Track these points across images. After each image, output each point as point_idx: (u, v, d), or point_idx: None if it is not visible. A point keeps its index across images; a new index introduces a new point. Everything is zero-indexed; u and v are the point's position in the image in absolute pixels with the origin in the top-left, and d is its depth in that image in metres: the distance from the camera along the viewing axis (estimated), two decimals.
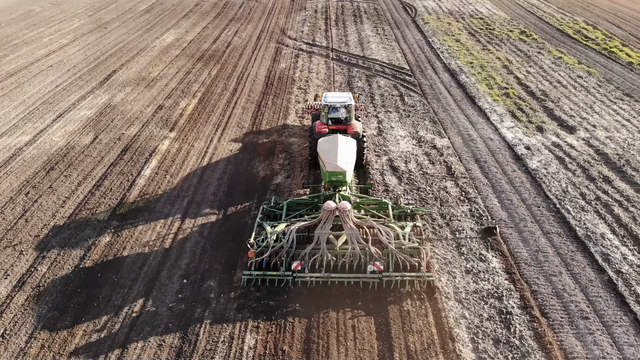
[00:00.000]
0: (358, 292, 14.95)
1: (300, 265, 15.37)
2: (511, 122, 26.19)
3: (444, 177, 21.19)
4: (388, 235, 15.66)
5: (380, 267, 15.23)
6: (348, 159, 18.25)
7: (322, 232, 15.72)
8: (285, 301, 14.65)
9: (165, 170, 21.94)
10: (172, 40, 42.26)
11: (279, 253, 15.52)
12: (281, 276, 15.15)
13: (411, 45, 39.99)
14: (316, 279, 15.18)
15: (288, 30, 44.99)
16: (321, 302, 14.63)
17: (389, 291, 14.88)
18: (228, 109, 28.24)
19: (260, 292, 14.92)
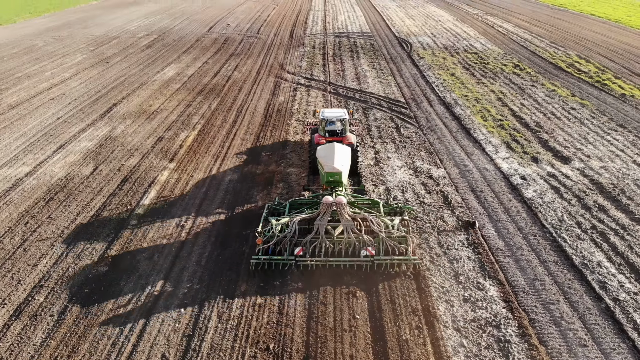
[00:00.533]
0: (353, 273, 17.12)
1: (302, 251, 17.43)
2: (506, 153, 26.55)
3: (440, 207, 21.36)
4: (379, 225, 17.84)
5: (372, 252, 17.34)
6: (344, 162, 20.62)
7: (321, 223, 17.91)
8: (288, 281, 16.83)
9: (164, 201, 22.08)
10: (173, 75, 43.11)
11: (282, 241, 17.63)
12: (285, 260, 17.22)
13: (407, 79, 40.83)
14: (316, 263, 17.23)
15: (287, 65, 45.98)
16: (320, 282, 16.76)
17: (380, 272, 17.06)
18: (227, 141, 28.61)
19: (267, 274, 17.00)
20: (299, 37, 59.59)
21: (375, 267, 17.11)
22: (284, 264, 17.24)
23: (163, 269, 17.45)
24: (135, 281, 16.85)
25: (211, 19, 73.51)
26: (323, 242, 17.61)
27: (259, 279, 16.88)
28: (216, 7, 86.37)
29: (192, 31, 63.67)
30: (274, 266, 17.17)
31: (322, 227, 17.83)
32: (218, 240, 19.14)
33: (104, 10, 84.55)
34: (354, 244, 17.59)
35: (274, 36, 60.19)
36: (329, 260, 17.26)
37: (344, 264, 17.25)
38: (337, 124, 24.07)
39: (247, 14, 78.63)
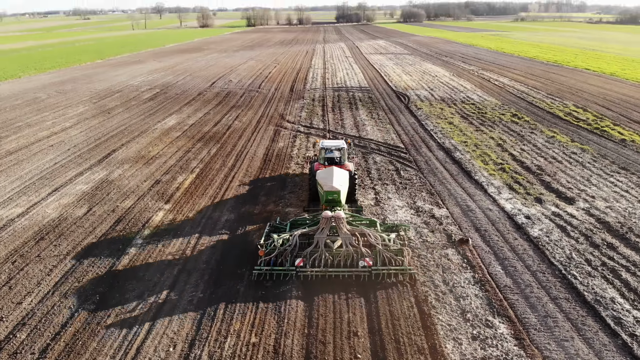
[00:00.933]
0: (351, 283, 17.75)
1: (302, 262, 18.15)
2: (509, 194, 26.07)
3: (444, 245, 20.61)
4: (376, 239, 18.84)
5: (370, 263, 18.03)
6: (342, 183, 21.58)
7: (320, 236, 18.83)
8: (289, 290, 17.43)
9: (157, 240, 21.36)
10: (174, 124, 43.42)
11: (284, 253, 18.45)
12: (286, 270, 17.92)
13: (405, 128, 41.05)
14: (316, 273, 17.89)
15: (287, 115, 46.44)
16: (320, 290, 17.41)
17: (377, 282, 17.70)
18: (225, 183, 28.21)
19: (269, 284, 17.66)
20: (299, 91, 60.73)
21: (373, 277, 17.79)
22: (285, 274, 17.93)
23: (153, 308, 16.51)
24: (119, 324, 15.88)
25: (213, 75, 75.34)
26: (322, 254, 18.38)
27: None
28: (218, 66, 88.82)
29: (194, 86, 65.01)
30: (275, 276, 17.87)
31: (321, 240, 18.71)
32: (212, 278, 18.27)
33: (108, 68, 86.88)
34: (353, 255, 18.43)
35: (274, 90, 61.36)
36: (328, 270, 18.00)
37: (342, 274, 17.95)
38: (335, 153, 25.24)
39: (248, 71, 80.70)
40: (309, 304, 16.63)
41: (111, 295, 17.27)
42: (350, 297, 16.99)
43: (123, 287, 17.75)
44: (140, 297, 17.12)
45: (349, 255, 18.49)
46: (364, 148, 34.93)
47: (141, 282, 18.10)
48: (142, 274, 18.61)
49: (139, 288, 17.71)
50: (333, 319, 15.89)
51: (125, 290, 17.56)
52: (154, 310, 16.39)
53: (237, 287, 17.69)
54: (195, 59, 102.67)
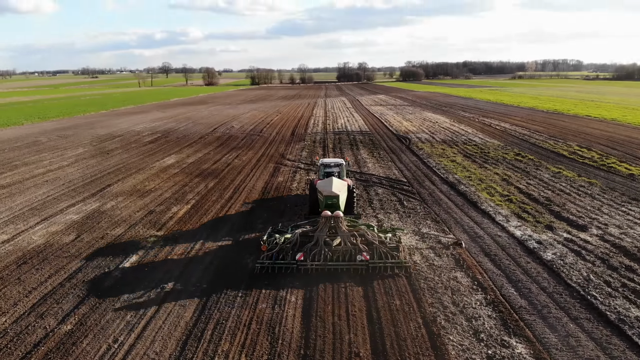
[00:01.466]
0: (349, 275, 18.50)
1: (302, 256, 19.00)
2: (518, 222, 24.87)
3: (452, 268, 19.24)
4: (373, 236, 20.09)
5: (367, 257, 18.91)
6: (341, 190, 22.31)
7: (320, 234, 19.83)
8: (290, 281, 18.20)
9: (145, 264, 20.06)
10: (173, 162, 42.85)
11: (285, 249, 19.47)
12: (287, 264, 18.79)
13: (407, 165, 40.33)
14: (316, 267, 18.71)
15: (287, 155, 45.92)
16: (320, 281, 18.12)
17: (374, 274, 18.49)
18: (221, 213, 27.12)
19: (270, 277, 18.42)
20: (300, 134, 60.66)
21: (370, 271, 18.64)
22: (286, 268, 18.75)
23: (135, 328, 15.06)
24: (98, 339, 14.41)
25: (216, 122, 75.80)
26: (322, 250, 19.27)
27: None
28: (221, 115, 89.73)
29: (196, 131, 65.14)
30: (277, 270, 18.68)
31: (321, 238, 19.67)
32: (200, 303, 16.85)
33: (111, 117, 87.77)
34: (351, 251, 19.35)
35: (276, 134, 61.33)
36: (327, 264, 18.83)
37: (341, 267, 18.81)
38: (334, 169, 26.48)
39: (250, 119, 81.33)
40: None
41: (92, 315, 15.84)
42: (352, 315, 15.53)
43: (104, 308, 16.35)
44: (123, 319, 15.68)
45: (347, 250, 19.37)
46: (366, 182, 34.03)
47: (124, 303, 16.70)
48: (125, 297, 17.22)
49: (123, 310, 16.29)
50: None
51: (106, 311, 16.13)
52: (136, 330, 14.94)
53: (228, 308, 16.26)
54: (199, 109, 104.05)
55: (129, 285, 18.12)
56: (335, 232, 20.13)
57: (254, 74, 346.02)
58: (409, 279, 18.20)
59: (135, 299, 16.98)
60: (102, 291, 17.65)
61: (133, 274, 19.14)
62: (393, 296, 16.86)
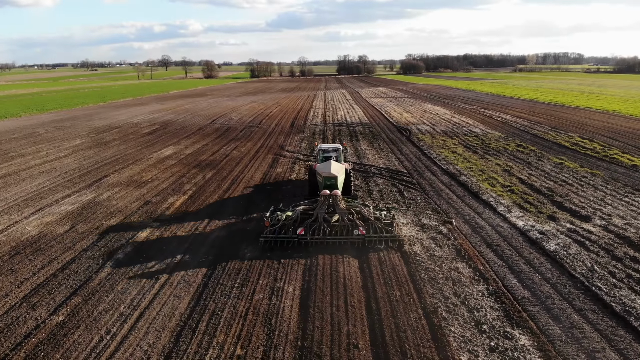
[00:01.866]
0: (347, 248, 19.69)
1: (303, 231, 20.14)
2: (520, 213, 24.46)
3: (453, 259, 18.84)
4: (369, 213, 21.23)
5: (363, 232, 20.04)
6: (339, 171, 23.53)
7: (319, 211, 21.01)
8: (291, 253, 19.62)
9: (140, 255, 19.67)
10: (170, 153, 42.39)
11: (287, 224, 20.56)
12: (289, 238, 19.97)
13: (407, 156, 39.86)
14: (315, 240, 19.81)
15: (286, 146, 45.45)
16: (319, 252, 19.38)
17: (370, 247, 19.71)
18: (217, 204, 26.71)
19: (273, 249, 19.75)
20: (300, 126, 60.15)
21: (366, 244, 19.73)
22: (288, 242, 19.92)
23: (127, 321, 14.69)
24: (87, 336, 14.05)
25: (214, 114, 75.25)
26: (321, 225, 20.39)
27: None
28: (220, 107, 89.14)
29: (194, 123, 64.60)
30: (279, 243, 19.88)
31: (320, 214, 20.80)
32: (197, 293, 16.48)
33: (109, 109, 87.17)
34: (348, 226, 20.47)
35: (275, 126, 60.83)
36: (326, 238, 19.92)
37: (339, 241, 19.90)
38: (332, 154, 27.71)
39: (250, 111, 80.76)
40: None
41: (84, 306, 15.47)
42: (351, 307, 15.15)
43: (96, 300, 15.98)
44: (115, 310, 15.32)
45: (344, 226, 20.53)
46: (365, 172, 33.59)
47: (118, 295, 16.33)
48: (119, 287, 16.84)
49: (115, 302, 15.92)
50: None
51: (99, 302, 15.77)
52: (129, 321, 14.58)
53: (224, 299, 15.89)
54: (198, 102, 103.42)
55: (122, 276, 17.74)
56: (333, 209, 21.25)
57: (253, 67, 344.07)
58: (409, 269, 17.82)
59: (129, 290, 16.60)
60: (96, 282, 17.27)
61: (127, 265, 18.74)
62: (393, 287, 16.48)
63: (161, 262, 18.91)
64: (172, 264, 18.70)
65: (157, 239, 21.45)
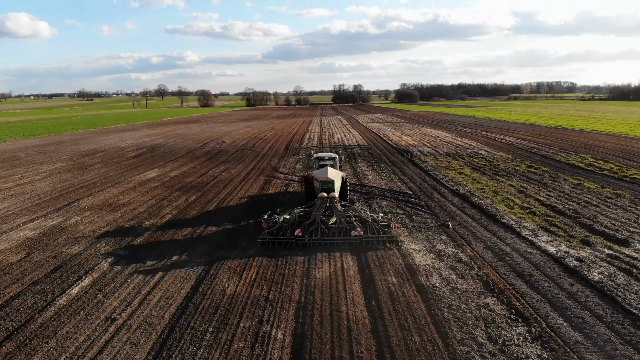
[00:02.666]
0: (345, 248, 19.33)
1: (300, 232, 19.88)
2: (548, 237, 21.17)
3: (481, 293, 15.44)
4: (367, 215, 21.46)
5: (361, 232, 19.77)
6: (335, 177, 23.65)
7: (317, 213, 20.76)
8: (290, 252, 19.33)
9: (98, 289, 16.18)
10: (154, 176, 39.09)
11: (284, 227, 20.31)
12: (287, 239, 19.67)
13: (411, 177, 36.70)
14: (313, 241, 19.56)
15: (280, 168, 42.28)
16: (317, 250, 19.10)
17: (368, 247, 19.35)
18: (199, 228, 23.31)
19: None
20: (295, 149, 57.18)
21: (364, 245, 19.47)
22: (286, 243, 19.66)
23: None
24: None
25: (206, 138, 72.33)
26: (319, 227, 20.20)
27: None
28: (213, 131, 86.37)
29: (184, 147, 61.56)
30: (277, 244, 19.63)
31: (318, 216, 20.66)
32: (160, 339, 12.98)
33: (99, 134, 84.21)
34: (346, 227, 20.17)
35: (269, 149, 57.84)
36: (324, 239, 19.70)
37: (336, 242, 19.59)
38: (328, 162, 27.96)
39: (243, 135, 77.94)
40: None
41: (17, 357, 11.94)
42: (358, 359, 11.69)
43: (34, 346, 12.43)
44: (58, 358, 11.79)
45: (343, 228, 20.22)
46: (367, 194, 30.34)
47: (61, 341, 12.80)
48: (64, 331, 13.32)
49: (56, 351, 12.39)
50: None
51: (36, 352, 12.23)
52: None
53: (195, 349, 12.37)
54: (190, 127, 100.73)
55: (71, 317, 14.23)
56: (331, 212, 21.20)
57: (249, 96, 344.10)
58: (429, 307, 14.39)
59: (76, 335, 13.08)
60: (37, 324, 13.74)
61: (80, 302, 15.24)
62: (410, 330, 13.02)
63: (121, 298, 15.43)
64: (133, 301, 15.21)
65: (120, 271, 17.97)
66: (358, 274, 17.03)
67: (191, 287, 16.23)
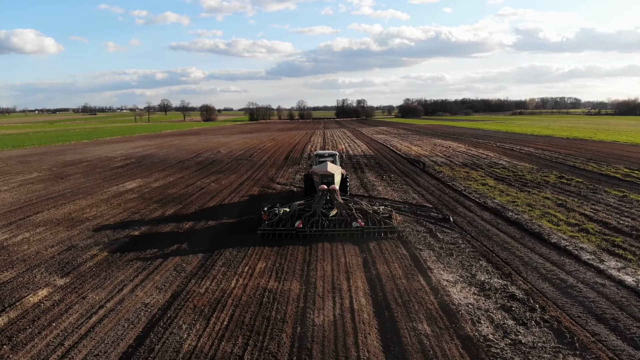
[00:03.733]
0: (346, 239, 18.93)
1: (301, 224, 19.80)
2: (617, 262, 16.27)
3: (558, 350, 10.54)
4: (367, 206, 21.39)
5: (362, 224, 19.64)
6: (335, 170, 23.44)
7: (317, 205, 20.61)
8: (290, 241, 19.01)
9: (8, 337, 11.37)
10: (134, 187, 34.40)
11: (284, 218, 20.10)
12: (287, 231, 19.57)
13: (427, 188, 31.88)
14: (314, 233, 19.42)
15: (278, 178, 37.55)
16: (318, 240, 18.84)
17: (369, 238, 19.01)
18: (168, 249, 18.51)
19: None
20: (295, 159, 52.52)
21: (365, 236, 19.14)
22: (286, 234, 19.37)
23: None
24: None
25: (202, 149, 67.81)
26: (320, 219, 19.86)
27: None
28: (210, 142, 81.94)
29: (176, 157, 56.99)
30: (277, 236, 19.28)
31: (318, 208, 20.29)
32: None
33: (90, 145, 79.86)
34: (347, 219, 19.87)
35: (267, 159, 53.20)
36: (325, 230, 19.44)
37: (337, 233, 19.30)
38: (328, 159, 27.47)
39: (241, 145, 73.43)
40: None
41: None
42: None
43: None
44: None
45: (343, 219, 19.83)
46: None
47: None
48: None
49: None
50: None
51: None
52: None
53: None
54: (188, 139, 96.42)
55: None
56: (331, 205, 20.84)
57: (252, 110, 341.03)
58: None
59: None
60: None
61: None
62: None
63: (37, 349, 10.60)
64: (61, 348, 10.38)
65: (57, 303, 13.19)
66: (374, 318, 12.14)
67: (136, 337, 11.38)
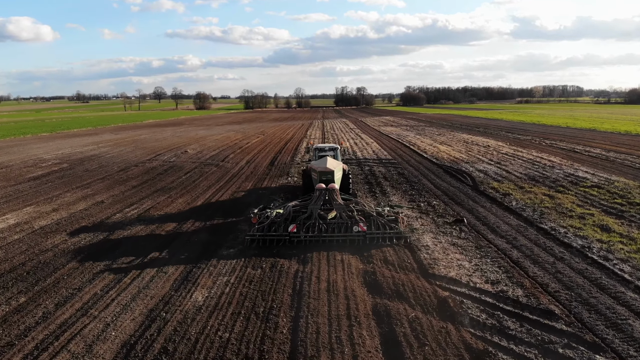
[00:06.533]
0: (345, 246, 16.63)
1: (295, 228, 17.60)
2: None
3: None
4: (370, 208, 19.23)
5: (364, 228, 17.46)
6: (335, 167, 21.27)
7: (314, 207, 18.39)
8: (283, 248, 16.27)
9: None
10: (4, 227, 20.33)
11: (277, 222, 17.92)
12: (279, 236, 17.32)
13: (505, 236, 17.92)
14: (309, 238, 17.21)
15: (251, 204, 23.44)
16: (314, 248, 16.37)
17: (372, 245, 16.70)
18: None
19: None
20: (283, 164, 38.42)
21: (368, 241, 17.03)
22: (278, 240, 17.24)
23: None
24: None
25: (165, 147, 53.59)
26: (316, 222, 17.79)
27: None
28: (183, 137, 67.66)
29: (125, 160, 42.76)
30: (268, 242, 17.18)
31: (315, 210, 18.23)
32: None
33: (37, 142, 65.45)
34: (347, 223, 17.81)
35: (245, 164, 39.10)
36: (322, 235, 17.29)
37: (336, 239, 17.22)
38: (329, 153, 25.31)
39: (220, 141, 59.26)
40: None
41: None
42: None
43: None
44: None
45: (343, 222, 17.95)
46: (441, 297, 11.59)
47: None
48: None
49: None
50: None
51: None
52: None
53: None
54: (162, 131, 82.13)
55: None
56: (330, 206, 18.84)
57: (248, 98, 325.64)
58: None
59: None
60: None
61: None
62: None
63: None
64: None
65: None
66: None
67: None
